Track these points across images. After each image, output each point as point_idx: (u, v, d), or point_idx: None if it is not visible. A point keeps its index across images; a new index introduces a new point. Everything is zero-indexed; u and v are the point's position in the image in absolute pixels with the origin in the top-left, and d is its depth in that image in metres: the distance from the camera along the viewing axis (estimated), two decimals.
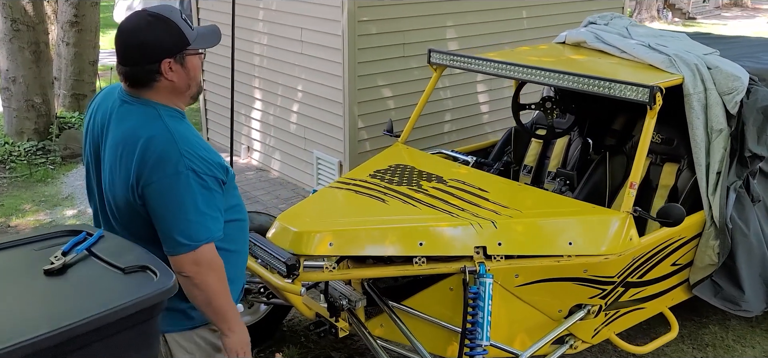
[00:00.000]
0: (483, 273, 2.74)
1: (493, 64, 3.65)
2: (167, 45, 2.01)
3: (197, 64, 2.09)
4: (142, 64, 2.01)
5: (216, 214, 2.02)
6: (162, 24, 2.01)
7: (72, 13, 7.93)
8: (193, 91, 2.12)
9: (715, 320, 4.14)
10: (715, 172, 3.40)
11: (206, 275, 2.00)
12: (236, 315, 2.12)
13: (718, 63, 3.48)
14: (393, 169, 3.51)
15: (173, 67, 2.03)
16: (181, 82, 2.07)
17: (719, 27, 19.81)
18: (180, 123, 2.07)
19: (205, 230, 1.98)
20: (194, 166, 1.97)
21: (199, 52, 2.09)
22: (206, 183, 1.99)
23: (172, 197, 1.96)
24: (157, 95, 2.06)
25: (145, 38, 2.00)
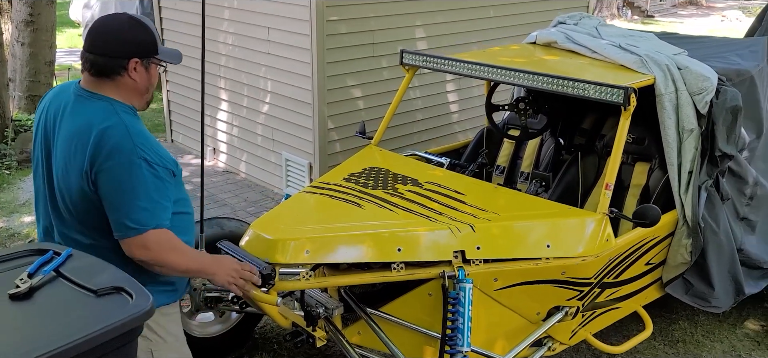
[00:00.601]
0: (462, 278, 2.70)
1: (468, 66, 3.62)
2: (141, 46, 2.18)
3: (155, 74, 2.26)
4: (113, 55, 2.14)
5: (166, 203, 2.15)
6: (141, 28, 2.20)
7: (27, 12, 7.64)
8: (149, 96, 2.28)
9: (684, 316, 4.20)
10: (687, 172, 3.43)
11: (162, 255, 2.15)
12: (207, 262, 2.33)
13: (687, 63, 3.52)
14: (367, 172, 3.46)
15: (138, 69, 2.18)
16: (142, 84, 2.21)
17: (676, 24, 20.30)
18: (134, 119, 2.18)
19: (154, 216, 2.11)
20: (147, 156, 2.09)
21: (162, 63, 2.26)
22: (158, 172, 2.11)
23: (124, 184, 2.07)
24: (117, 90, 2.18)
25: (123, 34, 2.16)
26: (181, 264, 2.22)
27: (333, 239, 2.76)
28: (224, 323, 3.58)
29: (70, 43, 14.38)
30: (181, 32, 6.44)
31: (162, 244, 2.14)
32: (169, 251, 2.16)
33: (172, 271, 2.21)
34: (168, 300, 2.34)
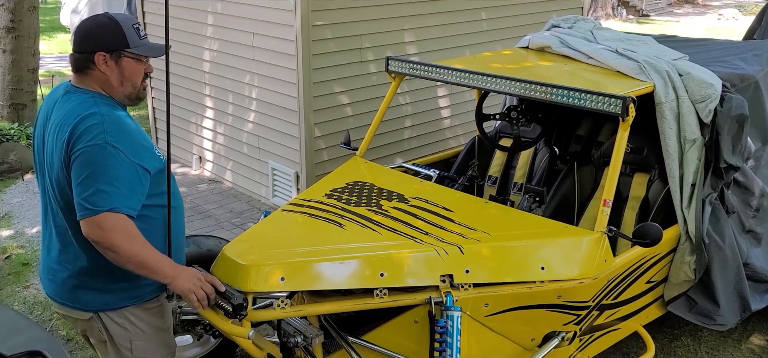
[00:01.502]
0: (450, 305, 2.51)
1: (457, 73, 3.44)
2: (105, 41, 2.26)
3: (134, 68, 2.32)
4: (81, 51, 2.28)
5: (130, 192, 2.19)
6: (109, 24, 2.28)
7: (8, 19, 7.44)
8: (128, 91, 2.33)
9: (687, 332, 4.02)
10: (690, 185, 3.25)
11: (112, 238, 2.15)
12: (168, 265, 2.28)
13: (689, 69, 3.33)
14: (351, 187, 3.26)
15: (108, 62, 2.27)
16: (113, 78, 2.29)
17: (672, 24, 20.15)
18: (114, 110, 2.27)
19: (111, 199, 2.15)
20: (116, 143, 2.17)
21: (138, 58, 2.31)
22: (124, 160, 2.18)
23: (89, 166, 2.16)
24: (93, 83, 2.29)
25: (89, 31, 2.29)
26: (134, 254, 2.19)
27: (310, 264, 2.56)
28: (203, 347, 3.41)
29: (61, 48, 14.17)
30: None
31: (116, 228, 2.15)
32: (122, 236, 2.16)
33: (124, 259, 2.19)
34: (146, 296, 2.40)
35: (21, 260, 4.91)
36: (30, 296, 4.44)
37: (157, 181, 2.34)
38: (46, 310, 4.28)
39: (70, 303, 2.41)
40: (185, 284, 2.30)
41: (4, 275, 4.71)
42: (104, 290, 2.36)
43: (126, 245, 2.17)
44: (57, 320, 4.17)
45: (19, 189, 6.36)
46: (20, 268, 4.81)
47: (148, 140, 2.35)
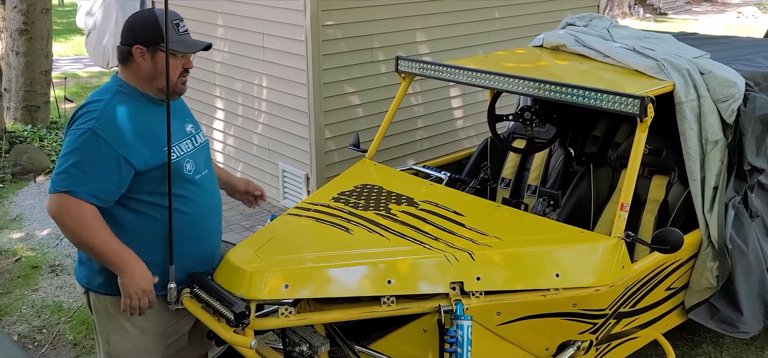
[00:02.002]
0: (460, 314, 2.41)
1: (468, 73, 3.33)
2: (143, 35, 2.33)
3: (172, 64, 2.34)
4: (123, 43, 2.37)
5: (97, 179, 2.22)
6: (148, 18, 2.35)
7: (21, 21, 7.46)
8: (160, 84, 2.35)
9: (708, 339, 3.89)
10: (712, 188, 3.12)
11: (65, 219, 2.23)
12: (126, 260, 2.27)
13: (711, 67, 3.20)
14: (359, 190, 3.17)
15: (145, 56, 2.34)
16: (146, 71, 2.34)
17: (691, 22, 19.84)
18: (128, 102, 2.33)
19: (71, 182, 2.20)
20: (102, 132, 2.22)
21: (172, 52, 2.33)
22: (101, 148, 2.22)
23: (68, 145, 2.25)
24: (129, 74, 2.38)
25: (131, 24, 2.38)
26: (83, 240, 2.26)
27: (315, 271, 2.47)
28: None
29: (76, 50, 14.24)
30: None
31: (68, 211, 2.22)
32: (72, 220, 2.22)
33: (74, 242, 2.29)
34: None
35: (30, 263, 4.88)
36: (38, 300, 4.41)
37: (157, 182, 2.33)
38: (53, 314, 4.24)
39: (75, 274, 2.55)
40: (127, 287, 2.30)
41: (13, 278, 4.69)
42: (94, 270, 2.43)
43: (76, 230, 2.23)
44: (64, 323, 4.13)
45: (31, 191, 6.36)
46: (29, 271, 4.78)
47: (155, 138, 2.32)
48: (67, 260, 4.90)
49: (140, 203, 2.35)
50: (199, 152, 2.50)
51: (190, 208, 2.41)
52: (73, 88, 10.61)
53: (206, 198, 2.50)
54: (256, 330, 2.40)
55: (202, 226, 2.47)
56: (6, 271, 4.79)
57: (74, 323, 4.14)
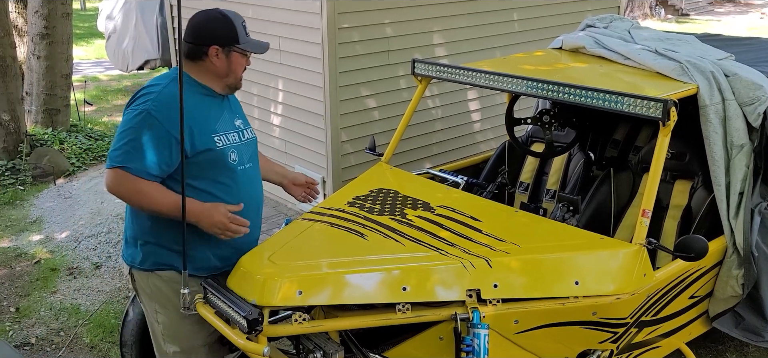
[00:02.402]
0: (477, 322, 2.36)
1: (486, 76, 3.28)
2: (219, 35, 2.49)
3: (240, 62, 2.55)
4: (197, 42, 2.49)
5: (148, 155, 2.36)
6: (223, 20, 2.50)
7: (42, 25, 7.53)
8: (230, 81, 2.55)
9: (732, 348, 3.80)
10: (737, 193, 3.03)
11: (121, 192, 2.40)
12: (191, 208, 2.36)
13: (736, 69, 3.12)
14: (374, 195, 3.14)
15: (219, 55, 2.49)
16: (221, 69, 2.51)
17: (713, 23, 19.55)
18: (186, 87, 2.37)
19: (124, 157, 2.35)
20: (154, 110, 2.37)
21: (245, 52, 2.54)
22: (154, 126, 2.36)
23: (125, 124, 2.39)
24: (198, 72, 2.52)
25: (204, 24, 2.51)
26: (146, 204, 2.40)
27: (329, 278, 2.44)
28: None
29: (97, 53, 14.40)
30: None
31: (123, 185, 2.37)
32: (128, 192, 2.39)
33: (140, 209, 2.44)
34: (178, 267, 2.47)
35: (49, 265, 4.92)
36: (56, 302, 4.43)
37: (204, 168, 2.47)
38: (71, 317, 4.26)
39: (122, 255, 2.68)
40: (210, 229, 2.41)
41: (32, 280, 4.72)
42: (136, 248, 2.58)
43: (134, 199, 2.40)
44: (82, 326, 4.15)
45: (51, 194, 6.42)
46: (48, 273, 4.81)
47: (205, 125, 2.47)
48: (85, 263, 4.93)
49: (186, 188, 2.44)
50: (245, 146, 2.64)
51: (229, 196, 2.53)
52: (93, 92, 10.72)
53: (246, 189, 2.61)
54: (269, 337, 2.37)
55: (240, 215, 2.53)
56: (25, 273, 4.83)
57: (91, 325, 4.15)
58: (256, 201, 2.72)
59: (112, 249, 5.07)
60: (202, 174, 2.48)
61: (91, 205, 5.91)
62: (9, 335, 4.06)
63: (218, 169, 2.51)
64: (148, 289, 2.60)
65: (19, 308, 4.37)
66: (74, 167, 7.06)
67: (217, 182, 2.51)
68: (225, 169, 2.53)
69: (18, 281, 4.71)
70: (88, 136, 7.89)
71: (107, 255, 5.01)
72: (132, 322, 3.13)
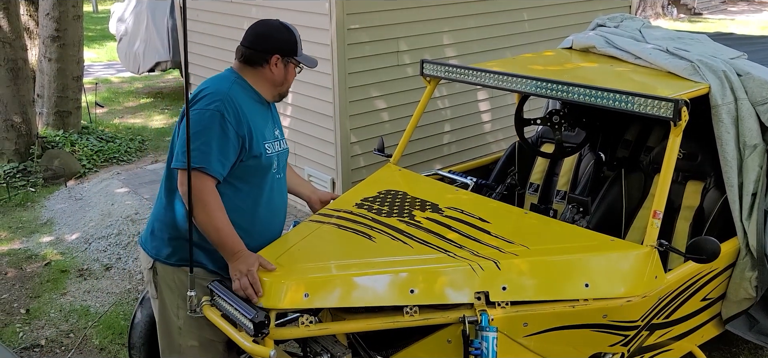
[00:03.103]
0: (485, 326, 2.34)
1: (495, 76, 3.26)
2: (283, 46, 2.59)
3: (293, 73, 2.66)
4: (257, 49, 2.57)
5: (220, 156, 2.42)
6: (287, 32, 2.61)
7: (53, 28, 7.58)
8: (282, 90, 2.65)
9: (746, 351, 3.75)
10: (750, 194, 2.99)
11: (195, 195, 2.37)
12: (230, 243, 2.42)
13: (748, 69, 3.08)
14: (383, 196, 3.12)
15: (278, 65, 2.58)
16: (278, 78, 2.60)
17: (727, 22, 19.36)
18: (242, 92, 2.54)
19: (201, 158, 2.38)
20: (224, 111, 2.43)
21: (299, 64, 2.65)
22: (226, 128, 2.42)
23: (193, 123, 2.40)
24: (254, 78, 2.59)
25: (269, 34, 2.59)
26: (200, 217, 2.40)
27: (336, 280, 2.43)
28: None
29: (109, 56, 14.48)
30: (204, 44, 6.28)
31: (196, 187, 2.37)
32: (196, 193, 2.37)
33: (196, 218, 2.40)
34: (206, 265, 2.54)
35: (59, 267, 4.94)
36: (66, 304, 4.45)
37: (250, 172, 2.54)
38: (81, 318, 4.27)
39: (143, 244, 2.70)
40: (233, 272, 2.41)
41: (43, 282, 4.75)
42: (163, 241, 2.61)
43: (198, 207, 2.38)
44: (91, 328, 4.16)
45: (62, 195, 6.45)
46: (58, 275, 4.83)
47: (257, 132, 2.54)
48: (96, 265, 4.95)
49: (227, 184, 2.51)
50: (280, 155, 2.72)
51: (266, 202, 2.62)
52: (105, 94, 10.77)
53: (279, 198, 2.71)
54: (276, 340, 2.36)
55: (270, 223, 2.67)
56: (36, 275, 4.86)
57: (101, 327, 4.16)
58: (284, 210, 2.80)
59: (122, 251, 5.09)
60: (248, 177, 2.56)
61: (101, 206, 5.93)
62: (19, 337, 4.08)
63: (262, 174, 2.59)
64: (171, 283, 2.62)
65: (29, 309, 4.39)
66: (85, 169, 7.10)
67: (259, 187, 2.60)
68: (267, 176, 2.62)
69: (28, 283, 4.74)
70: (99, 138, 7.93)
71: (117, 257, 5.03)
72: (140, 324, 3.13)
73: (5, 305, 4.44)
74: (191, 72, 6.67)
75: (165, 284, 2.64)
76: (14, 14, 6.95)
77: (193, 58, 6.55)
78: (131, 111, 9.87)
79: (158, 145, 8.06)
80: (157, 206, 2.69)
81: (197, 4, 6.26)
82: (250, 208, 2.59)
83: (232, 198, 2.53)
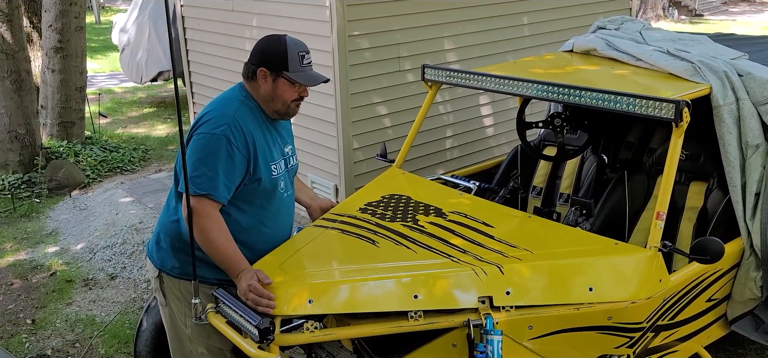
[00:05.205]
0: (490, 329, 2.34)
1: (496, 80, 3.26)
2: (269, 59, 2.52)
3: (287, 89, 2.54)
4: (251, 61, 2.56)
5: (226, 181, 2.42)
6: (278, 46, 2.52)
7: (56, 39, 7.61)
8: (277, 107, 2.56)
9: (752, 351, 3.74)
10: (753, 194, 2.99)
11: (198, 221, 2.36)
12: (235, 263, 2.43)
13: (749, 69, 3.08)
14: (386, 201, 3.13)
15: (267, 79, 2.52)
16: (266, 92, 2.53)
17: (728, 23, 19.35)
18: (249, 113, 2.52)
19: (207, 184, 2.38)
20: (230, 135, 2.41)
21: (292, 81, 2.52)
22: (233, 153, 2.41)
23: (200, 148, 2.41)
24: (253, 92, 2.57)
25: (261, 46, 2.57)
26: (205, 243, 2.41)
27: (339, 286, 2.43)
28: None
29: (112, 66, 14.53)
30: (205, 53, 6.30)
31: (202, 213, 2.37)
32: (204, 222, 2.37)
33: (200, 240, 2.40)
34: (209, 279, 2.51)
35: (65, 277, 4.95)
36: (72, 314, 4.46)
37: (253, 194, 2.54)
38: (87, 327, 4.28)
39: (149, 254, 2.72)
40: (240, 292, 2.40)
41: (48, 292, 4.76)
42: (168, 253, 2.62)
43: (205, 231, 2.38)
44: (97, 337, 4.17)
45: (66, 206, 6.47)
46: (64, 285, 4.85)
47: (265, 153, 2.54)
48: (101, 274, 4.96)
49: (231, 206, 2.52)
50: (289, 173, 2.72)
51: (271, 222, 2.62)
52: (108, 104, 10.81)
53: (283, 217, 2.70)
54: (281, 346, 2.37)
55: (276, 240, 2.65)
56: (41, 285, 4.87)
57: (107, 336, 4.17)
58: (290, 227, 2.79)
59: (126, 260, 5.10)
60: (252, 199, 2.55)
61: (106, 216, 5.95)
62: (25, 347, 4.09)
63: (266, 196, 2.58)
64: (178, 292, 2.64)
65: (35, 319, 4.40)
66: (89, 179, 7.12)
67: (264, 208, 2.58)
68: (273, 197, 2.61)
69: (34, 293, 4.75)
70: (102, 148, 7.95)
71: (122, 266, 5.04)
72: (146, 332, 3.14)
73: (11, 316, 4.45)
74: (193, 81, 6.68)
75: (172, 293, 2.67)
76: (17, 26, 6.99)
77: (194, 68, 6.57)
78: (134, 121, 9.91)
79: (161, 155, 8.09)
80: (164, 216, 2.70)
81: (198, 14, 6.29)
82: (255, 227, 2.59)
83: (237, 218, 2.54)
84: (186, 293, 2.60)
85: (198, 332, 2.63)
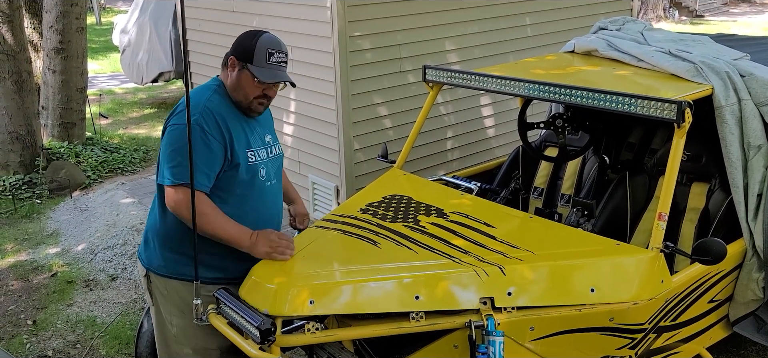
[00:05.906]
0: (492, 330, 2.34)
1: (497, 81, 3.26)
2: (238, 49, 2.54)
3: (249, 83, 2.53)
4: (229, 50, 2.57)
5: (205, 169, 2.42)
6: (250, 39, 2.53)
7: (57, 40, 7.61)
8: (238, 98, 2.55)
9: (754, 352, 3.73)
10: (756, 195, 2.98)
11: (183, 212, 2.40)
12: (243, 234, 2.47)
13: (751, 69, 3.07)
14: (387, 201, 3.12)
15: (234, 67, 2.54)
16: (232, 82, 2.54)
17: (729, 24, 19.34)
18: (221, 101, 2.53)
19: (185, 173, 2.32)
20: (203, 123, 2.42)
21: (253, 76, 2.51)
22: (208, 141, 2.42)
23: (174, 139, 2.41)
24: (223, 78, 2.58)
25: (238, 37, 2.58)
26: (204, 227, 2.40)
27: (340, 287, 2.43)
28: None
29: (113, 67, 14.54)
30: (205, 54, 6.30)
31: (185, 204, 2.36)
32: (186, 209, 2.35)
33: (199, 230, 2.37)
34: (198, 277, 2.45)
35: (65, 278, 4.95)
36: (73, 315, 4.45)
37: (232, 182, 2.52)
38: (87, 329, 4.28)
39: (139, 254, 2.72)
40: (260, 255, 2.46)
41: (49, 293, 4.76)
42: (154, 252, 2.62)
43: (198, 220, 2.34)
44: (98, 338, 4.16)
45: (67, 207, 6.47)
46: (65, 286, 4.84)
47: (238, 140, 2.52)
48: (102, 275, 4.95)
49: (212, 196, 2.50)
50: (271, 162, 2.68)
51: (253, 212, 2.58)
52: (109, 105, 10.81)
53: (270, 206, 2.67)
54: (282, 347, 2.36)
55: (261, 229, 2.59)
56: (42, 286, 4.87)
57: (107, 337, 4.17)
58: (278, 217, 2.75)
59: (127, 261, 5.10)
60: (231, 188, 2.52)
61: (106, 217, 5.95)
62: (26, 348, 4.09)
63: (247, 184, 2.55)
64: (165, 292, 2.63)
65: (36, 320, 4.40)
66: (90, 180, 7.12)
67: (244, 196, 2.55)
68: (253, 186, 2.57)
69: (35, 294, 4.75)
70: (103, 149, 7.96)
71: (123, 267, 5.03)
72: (147, 333, 3.14)
73: (12, 317, 4.45)
74: (193, 82, 6.69)
75: (158, 292, 2.65)
76: (18, 27, 6.99)
77: (194, 68, 6.57)
78: (135, 121, 9.91)
79: None
80: (151, 216, 2.69)
81: (199, 14, 6.29)
82: (237, 217, 2.53)
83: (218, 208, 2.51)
84: (173, 292, 2.59)
85: (184, 333, 2.61)
